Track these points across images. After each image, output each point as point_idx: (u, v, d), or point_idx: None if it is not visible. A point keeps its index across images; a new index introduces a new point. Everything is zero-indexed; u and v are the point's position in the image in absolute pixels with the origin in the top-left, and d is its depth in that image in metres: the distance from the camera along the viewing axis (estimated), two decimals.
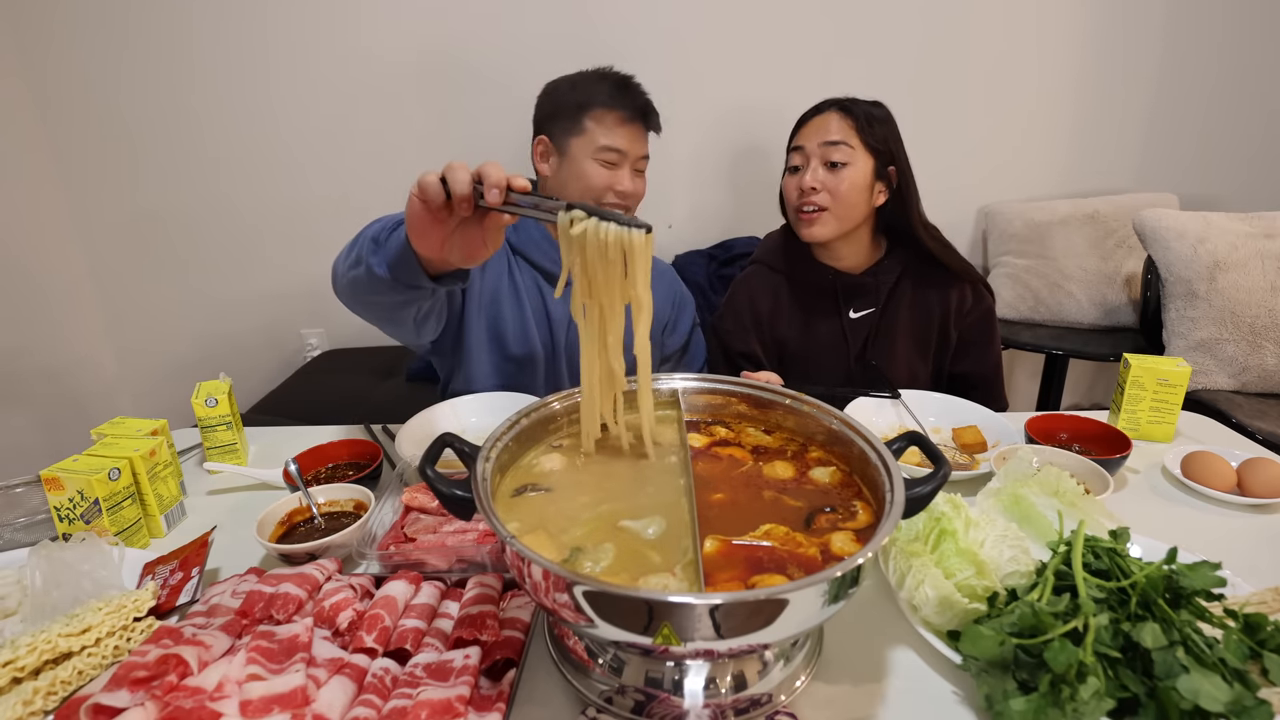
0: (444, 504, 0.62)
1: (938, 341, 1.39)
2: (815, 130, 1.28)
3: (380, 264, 0.87)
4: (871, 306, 1.37)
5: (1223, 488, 0.98)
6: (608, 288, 0.70)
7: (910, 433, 0.72)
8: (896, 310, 1.37)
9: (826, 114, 1.28)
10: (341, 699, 0.61)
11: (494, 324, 1.32)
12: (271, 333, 2.25)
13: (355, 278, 0.93)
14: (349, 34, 1.93)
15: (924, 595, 0.70)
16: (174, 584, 0.79)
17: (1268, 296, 1.79)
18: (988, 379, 1.41)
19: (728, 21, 1.96)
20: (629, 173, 1.26)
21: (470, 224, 0.77)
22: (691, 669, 0.62)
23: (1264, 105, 2.14)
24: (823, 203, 1.28)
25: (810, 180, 1.27)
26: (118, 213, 2.09)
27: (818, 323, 1.40)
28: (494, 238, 0.78)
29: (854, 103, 1.28)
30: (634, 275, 0.69)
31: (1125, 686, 0.59)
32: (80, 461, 0.88)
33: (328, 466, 1.07)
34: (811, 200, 1.28)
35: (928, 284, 1.36)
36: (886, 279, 1.36)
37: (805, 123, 1.31)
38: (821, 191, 1.27)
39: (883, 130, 1.27)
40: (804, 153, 1.29)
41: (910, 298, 1.37)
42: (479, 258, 0.81)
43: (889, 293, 1.37)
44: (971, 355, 1.40)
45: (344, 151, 2.04)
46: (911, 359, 1.38)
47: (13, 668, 0.64)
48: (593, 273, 0.70)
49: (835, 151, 1.25)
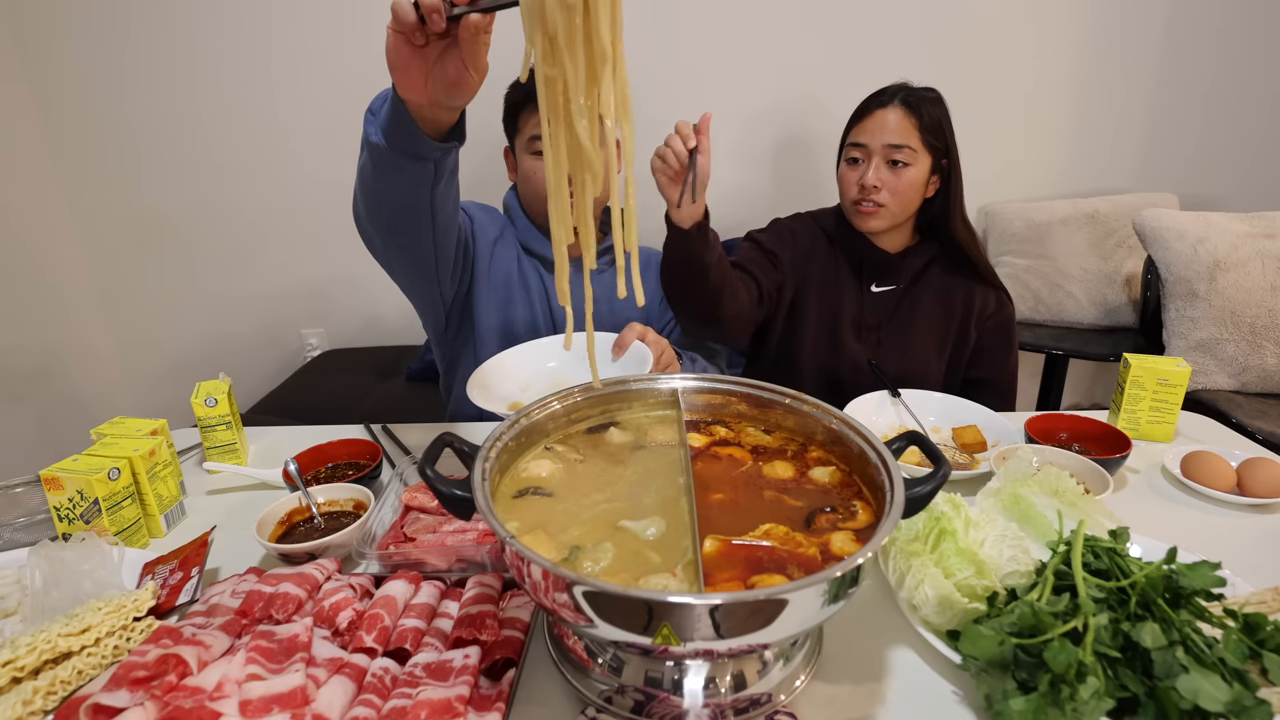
0: (443, 504, 0.61)
1: (956, 339, 1.39)
2: (878, 127, 1.27)
3: (376, 132, 0.87)
4: (896, 284, 1.38)
5: (1223, 488, 0.98)
6: (570, 40, 0.58)
7: (910, 432, 0.72)
8: (920, 295, 1.38)
9: (890, 109, 1.27)
10: (341, 699, 0.61)
11: (504, 310, 1.33)
12: (271, 333, 2.25)
13: (361, 168, 0.93)
14: (350, 34, 1.93)
15: (924, 595, 0.70)
16: (174, 584, 0.79)
17: (1268, 296, 1.79)
18: (999, 390, 1.42)
19: (728, 20, 1.97)
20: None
21: (449, 51, 0.74)
22: (691, 669, 0.62)
23: (1264, 105, 2.14)
24: (882, 200, 1.29)
25: (873, 179, 1.27)
26: (119, 212, 2.10)
27: (839, 286, 1.41)
28: (473, 55, 0.73)
29: (916, 97, 1.27)
30: (595, 13, 0.57)
31: (1125, 686, 0.59)
32: (80, 461, 0.88)
33: (327, 466, 1.06)
34: (871, 197, 1.29)
35: (955, 278, 1.37)
36: (915, 262, 1.37)
37: (866, 114, 1.29)
38: (882, 190, 1.28)
39: (939, 123, 1.27)
40: (865, 149, 1.29)
41: (936, 287, 1.38)
42: (466, 86, 0.77)
43: (915, 276, 1.38)
44: (988, 361, 1.41)
45: (345, 151, 2.02)
46: (926, 348, 1.39)
47: (12, 668, 0.64)
48: (552, 27, 0.58)
49: (898, 153, 1.26)
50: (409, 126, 0.84)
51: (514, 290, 1.33)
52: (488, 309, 1.32)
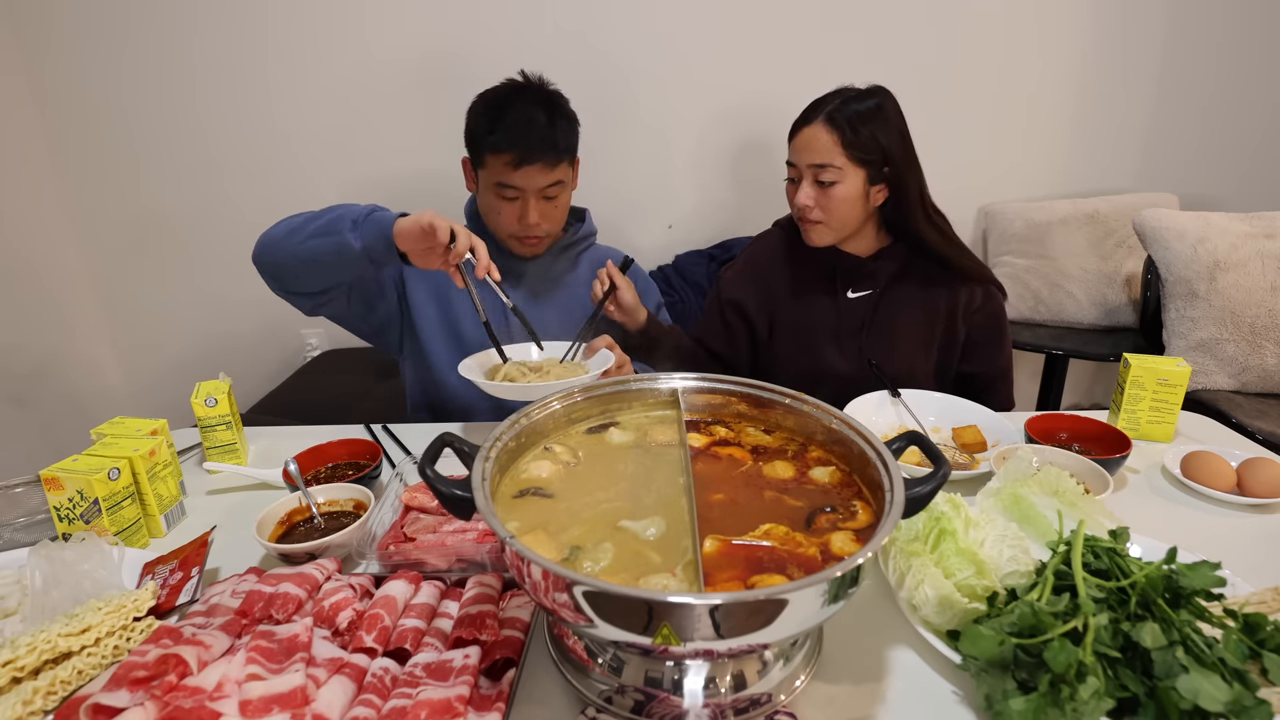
0: (443, 504, 0.61)
1: (944, 337, 1.38)
2: (804, 146, 1.26)
3: (358, 240, 1.04)
4: (871, 289, 1.37)
5: (1222, 488, 0.98)
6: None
7: (910, 432, 0.72)
8: (898, 297, 1.36)
9: (814, 127, 1.24)
10: (341, 699, 0.61)
11: (445, 312, 1.35)
12: (271, 333, 2.25)
13: (316, 245, 1.07)
14: (350, 34, 1.93)
15: (924, 595, 0.70)
16: (174, 584, 0.79)
17: (1268, 296, 1.79)
18: (996, 381, 1.41)
19: (727, 19, 1.96)
20: (534, 203, 1.25)
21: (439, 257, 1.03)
22: (691, 669, 0.62)
23: (1264, 105, 2.14)
24: (817, 218, 1.28)
25: (803, 199, 1.27)
26: (118, 212, 2.09)
27: (814, 296, 1.39)
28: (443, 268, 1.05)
29: (841, 109, 1.23)
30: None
31: (1125, 686, 0.59)
32: (80, 461, 0.88)
33: (327, 466, 1.07)
34: (807, 216, 1.29)
35: (936, 276, 1.35)
36: (888, 265, 1.35)
37: (795, 134, 1.28)
38: (815, 208, 1.27)
39: (870, 133, 1.22)
40: (797, 169, 1.28)
41: (915, 286, 1.36)
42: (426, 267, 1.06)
43: (891, 278, 1.36)
44: (980, 355, 1.40)
45: (345, 151, 2.04)
46: (911, 349, 1.37)
47: (12, 668, 0.64)
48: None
49: (823, 172, 1.24)
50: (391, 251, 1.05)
51: (450, 289, 1.35)
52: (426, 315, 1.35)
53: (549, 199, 1.27)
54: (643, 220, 2.14)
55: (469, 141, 1.29)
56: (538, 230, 1.28)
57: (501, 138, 1.21)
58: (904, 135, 1.27)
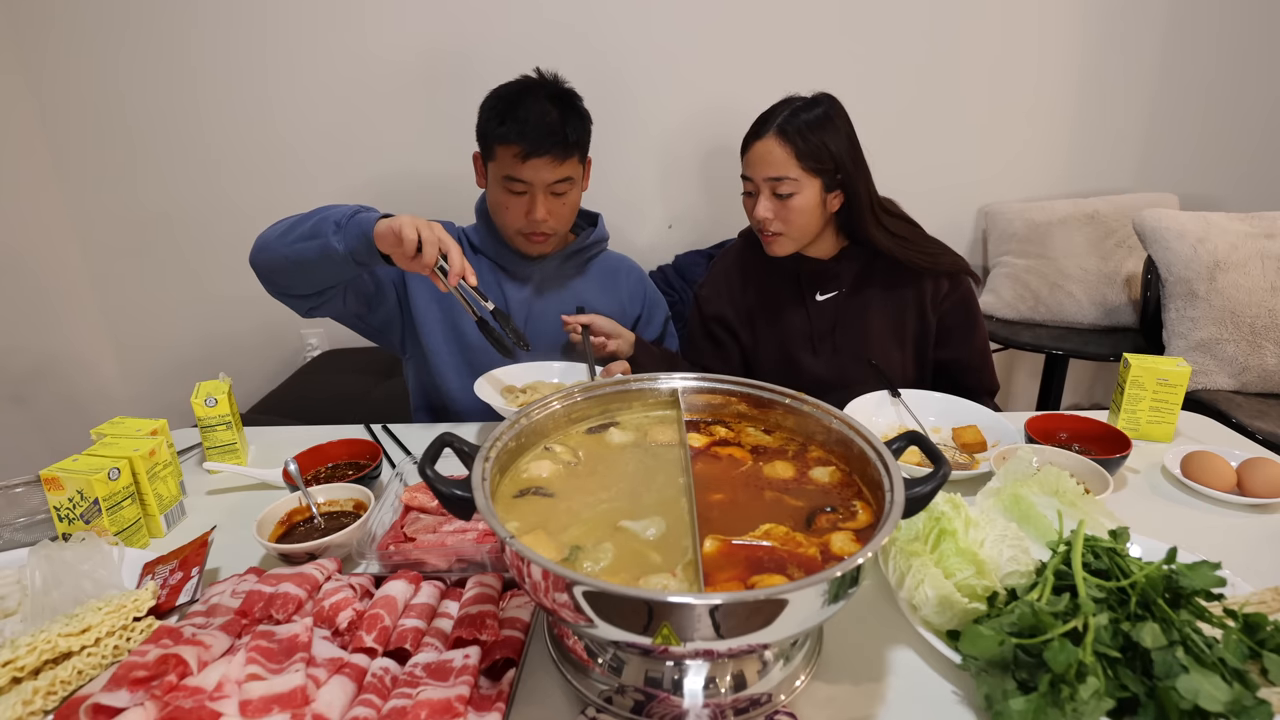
0: (443, 504, 0.61)
1: (916, 328, 1.38)
2: (758, 160, 1.25)
3: (342, 242, 1.05)
4: (838, 290, 1.38)
5: (1223, 488, 0.98)
6: None
7: (910, 432, 0.72)
8: (866, 293, 1.37)
9: (766, 140, 1.24)
10: (341, 699, 0.61)
11: (447, 313, 1.35)
12: (271, 333, 2.25)
13: (303, 249, 1.08)
14: (350, 33, 1.93)
15: (924, 595, 0.70)
16: (174, 584, 0.79)
17: (1268, 296, 1.79)
18: (973, 366, 1.41)
19: (727, 20, 1.96)
20: (541, 198, 1.25)
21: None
22: (691, 669, 0.62)
23: (1264, 105, 2.14)
24: (777, 229, 1.28)
25: (762, 212, 1.27)
26: (118, 212, 2.09)
27: (785, 302, 1.41)
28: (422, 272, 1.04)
29: (790, 120, 1.23)
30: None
31: (1125, 686, 0.59)
32: (80, 461, 0.88)
33: (327, 466, 1.07)
34: (766, 229, 1.29)
35: (899, 271, 1.35)
36: (851, 265, 1.36)
37: (748, 148, 1.28)
38: (774, 220, 1.28)
39: (821, 141, 1.22)
40: (753, 182, 1.28)
41: (881, 283, 1.37)
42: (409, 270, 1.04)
43: (856, 277, 1.37)
44: (955, 341, 1.40)
45: (345, 150, 2.04)
46: (886, 345, 1.38)
47: (13, 668, 0.64)
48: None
49: (780, 185, 1.24)
50: (374, 254, 1.05)
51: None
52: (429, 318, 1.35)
53: (557, 195, 1.27)
54: (643, 220, 2.14)
55: (480, 134, 1.28)
56: (544, 227, 1.28)
57: (511, 129, 1.21)
58: (853, 141, 1.27)
